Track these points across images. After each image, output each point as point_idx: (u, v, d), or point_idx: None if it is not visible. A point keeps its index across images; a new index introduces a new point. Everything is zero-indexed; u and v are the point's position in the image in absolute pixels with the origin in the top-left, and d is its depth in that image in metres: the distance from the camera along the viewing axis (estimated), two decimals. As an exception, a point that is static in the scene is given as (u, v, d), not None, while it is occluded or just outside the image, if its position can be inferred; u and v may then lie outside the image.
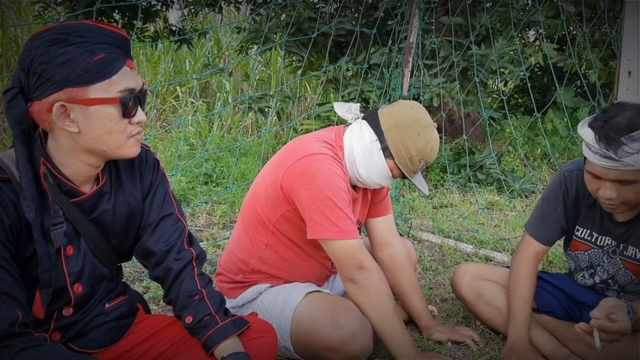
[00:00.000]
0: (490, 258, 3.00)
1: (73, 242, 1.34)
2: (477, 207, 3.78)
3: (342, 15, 4.17)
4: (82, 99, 1.21)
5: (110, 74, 1.22)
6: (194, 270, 1.46)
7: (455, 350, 2.02)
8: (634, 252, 1.86)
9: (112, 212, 1.39)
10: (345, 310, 1.81)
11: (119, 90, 1.23)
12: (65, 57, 1.18)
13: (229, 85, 6.38)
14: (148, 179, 1.46)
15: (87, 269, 1.37)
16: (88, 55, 1.19)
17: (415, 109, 1.93)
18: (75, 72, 1.18)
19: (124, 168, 1.42)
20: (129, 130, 1.28)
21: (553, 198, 1.95)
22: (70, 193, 1.31)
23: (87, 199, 1.34)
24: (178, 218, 1.49)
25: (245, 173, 4.21)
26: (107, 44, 1.22)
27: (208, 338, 1.39)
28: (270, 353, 1.52)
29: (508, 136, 4.89)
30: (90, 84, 1.20)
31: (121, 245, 1.44)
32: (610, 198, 1.67)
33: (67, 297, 1.35)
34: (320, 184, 1.80)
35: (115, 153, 1.30)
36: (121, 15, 4.40)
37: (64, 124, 1.23)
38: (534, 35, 5.53)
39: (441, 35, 3.94)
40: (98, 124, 1.23)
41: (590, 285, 2.01)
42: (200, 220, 3.48)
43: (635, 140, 1.57)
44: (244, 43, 4.49)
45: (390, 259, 2.14)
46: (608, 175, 1.64)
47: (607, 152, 1.59)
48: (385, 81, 3.80)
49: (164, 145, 5.06)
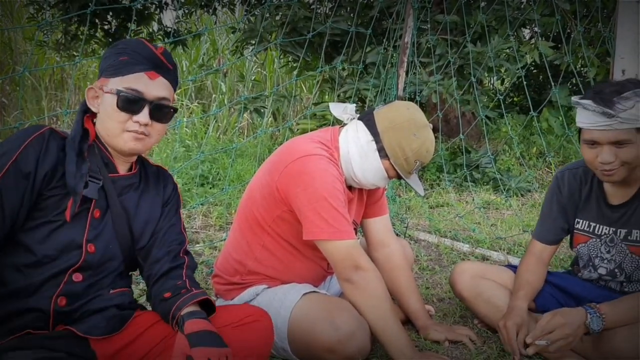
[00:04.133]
0: (487, 257, 3.00)
1: (101, 209, 1.50)
2: (473, 206, 3.79)
3: (338, 14, 4.17)
4: (103, 87, 1.49)
5: (126, 72, 1.47)
6: (183, 271, 1.60)
7: (453, 349, 2.02)
8: (637, 235, 1.90)
9: (137, 204, 1.57)
10: (342, 310, 1.81)
11: (125, 87, 1.46)
12: (108, 54, 1.51)
13: (224, 87, 6.37)
14: (168, 192, 1.66)
15: (105, 238, 1.50)
16: (119, 57, 1.49)
17: (411, 109, 1.93)
18: (105, 66, 1.50)
19: (151, 174, 1.65)
20: (127, 124, 1.47)
21: (549, 200, 2.07)
22: (109, 166, 1.53)
23: (121, 178, 1.55)
24: (182, 231, 1.67)
25: (241, 174, 4.21)
26: (137, 53, 1.49)
27: (176, 308, 1.48)
28: (266, 337, 1.57)
29: (504, 135, 4.90)
30: (112, 77, 1.48)
31: (139, 239, 1.57)
32: (609, 162, 1.75)
33: (79, 256, 1.44)
34: (316, 184, 1.79)
35: (111, 140, 1.50)
36: (115, 18, 4.39)
37: (92, 104, 1.52)
38: (529, 33, 5.53)
39: (437, 34, 3.94)
40: (104, 108, 1.49)
41: (596, 278, 2.03)
42: (196, 222, 3.47)
43: (627, 99, 1.70)
44: (239, 43, 4.48)
45: (386, 259, 2.14)
46: (605, 138, 1.73)
47: (604, 109, 1.70)
48: (381, 80, 3.80)
49: (160, 147, 5.04)
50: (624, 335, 1.74)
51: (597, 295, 1.98)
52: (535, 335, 1.75)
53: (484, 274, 2.15)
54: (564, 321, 1.73)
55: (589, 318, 1.74)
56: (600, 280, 2.02)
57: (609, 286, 2.01)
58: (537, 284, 2.05)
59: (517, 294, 1.99)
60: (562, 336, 1.72)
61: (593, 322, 1.74)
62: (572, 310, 1.78)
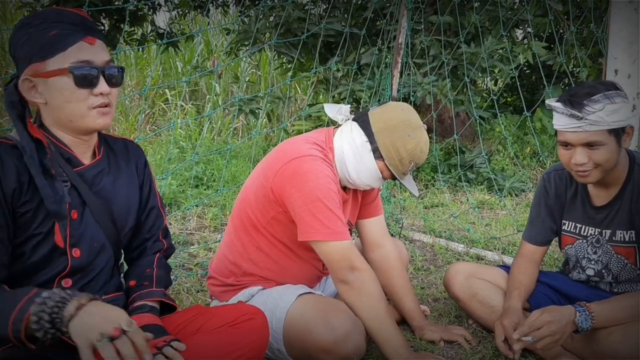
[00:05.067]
0: (482, 257, 3.01)
1: (77, 208, 1.42)
2: (467, 207, 3.80)
3: (332, 15, 4.17)
4: (42, 72, 1.33)
5: (64, 47, 1.33)
6: (156, 257, 1.61)
7: (448, 349, 2.03)
8: (622, 236, 1.92)
9: (113, 190, 1.49)
10: (338, 311, 1.81)
11: (72, 62, 1.33)
12: (26, 37, 1.33)
13: (218, 88, 6.36)
14: (141, 168, 1.58)
15: (87, 237, 1.43)
16: (44, 33, 1.32)
17: (405, 110, 1.93)
18: (34, 49, 1.32)
19: (120, 153, 1.54)
20: (90, 100, 1.36)
21: (537, 202, 2.10)
22: (71, 161, 1.42)
23: (88, 169, 1.45)
24: (160, 211, 1.63)
25: (235, 175, 4.20)
26: (62, 22, 1.34)
27: (131, 300, 1.51)
28: (261, 335, 1.56)
29: (498, 135, 4.91)
30: (47, 58, 1.32)
31: (124, 226, 1.53)
32: (582, 163, 1.78)
33: (65, 262, 1.39)
34: (311, 185, 1.79)
35: (81, 123, 1.38)
36: (108, 19, 4.37)
37: (33, 97, 1.36)
38: (522, 33, 5.55)
39: (431, 35, 3.95)
40: (57, 94, 1.34)
41: (585, 279, 2.04)
42: (191, 223, 3.46)
43: (596, 102, 1.73)
44: (233, 44, 4.48)
45: (381, 260, 2.14)
46: (577, 139, 1.77)
47: (572, 111, 1.74)
48: (375, 81, 3.81)
49: (154, 148, 5.03)
50: (619, 335, 1.75)
51: (589, 294, 1.99)
52: (523, 331, 1.76)
53: (478, 274, 2.16)
54: (551, 318, 1.74)
55: (578, 316, 1.75)
56: (590, 282, 2.04)
57: (599, 287, 2.03)
58: (530, 284, 2.07)
59: (511, 294, 2.01)
60: (549, 333, 1.73)
61: (582, 320, 1.75)
62: (561, 308, 1.80)
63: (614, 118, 1.73)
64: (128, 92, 6.45)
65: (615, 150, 1.78)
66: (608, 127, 1.74)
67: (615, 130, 1.75)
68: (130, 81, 6.72)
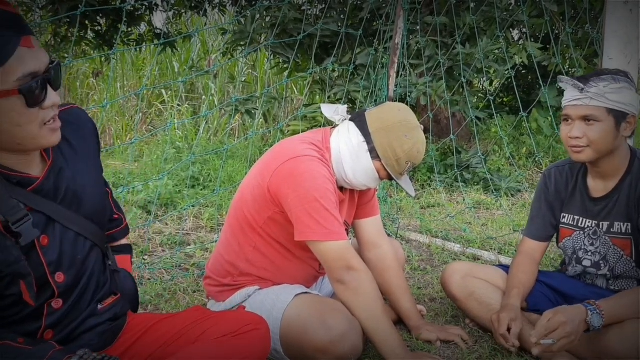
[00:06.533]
0: (478, 257, 3.01)
1: (47, 230, 1.27)
2: (464, 207, 3.81)
3: (328, 16, 4.17)
4: None
5: (1, 60, 1.07)
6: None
7: (445, 349, 2.03)
8: (619, 227, 1.94)
9: (77, 185, 1.32)
10: (334, 311, 1.81)
11: (17, 78, 1.09)
12: None
13: (215, 88, 6.36)
14: (93, 139, 1.41)
15: (67, 256, 1.31)
16: None
17: (402, 111, 1.94)
18: None
19: (69, 134, 1.32)
20: (40, 117, 1.15)
21: (537, 197, 2.13)
22: (22, 183, 1.22)
23: (44, 182, 1.26)
24: (104, 180, 1.49)
25: (232, 176, 4.20)
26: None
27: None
28: (264, 345, 1.51)
29: (494, 136, 4.92)
30: None
31: (102, 218, 1.42)
32: (576, 137, 1.84)
33: (50, 289, 1.30)
34: (307, 185, 1.80)
35: (32, 144, 1.18)
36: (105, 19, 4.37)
37: None
38: (518, 34, 5.57)
39: (427, 36, 3.96)
40: (3, 118, 1.11)
41: (581, 272, 2.05)
42: (187, 223, 3.46)
43: (602, 80, 1.81)
44: (230, 45, 4.48)
45: (378, 260, 2.14)
46: (576, 113, 1.83)
47: (575, 82, 1.83)
48: (371, 81, 3.81)
49: (150, 149, 5.03)
50: (616, 333, 1.75)
51: (587, 292, 2.00)
52: (540, 333, 1.72)
53: (475, 273, 2.16)
54: (566, 319, 1.72)
55: (590, 315, 1.74)
56: (587, 275, 2.04)
57: (596, 284, 2.04)
58: (530, 283, 2.07)
59: (511, 292, 2.01)
60: (565, 334, 1.71)
61: (594, 319, 1.74)
62: (571, 307, 1.77)
63: (615, 98, 1.78)
64: (125, 92, 6.44)
65: (611, 132, 1.81)
66: (607, 105, 1.79)
67: (615, 112, 1.80)
68: (127, 81, 6.71)
